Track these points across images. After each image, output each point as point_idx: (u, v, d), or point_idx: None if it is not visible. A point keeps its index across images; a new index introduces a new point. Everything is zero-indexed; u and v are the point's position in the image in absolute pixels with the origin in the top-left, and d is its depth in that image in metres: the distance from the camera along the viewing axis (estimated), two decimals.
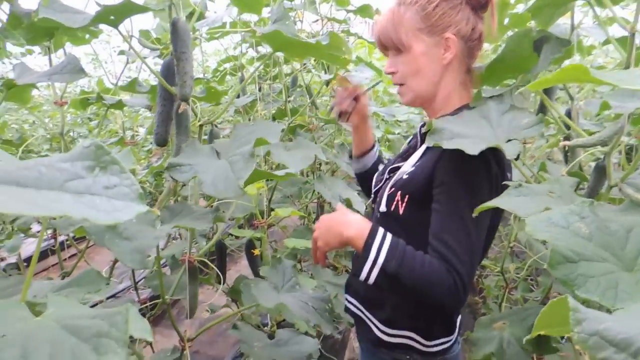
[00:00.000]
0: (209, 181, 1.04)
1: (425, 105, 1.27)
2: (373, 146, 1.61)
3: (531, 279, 2.41)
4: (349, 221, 1.13)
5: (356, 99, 1.51)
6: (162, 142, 1.24)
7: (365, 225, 1.11)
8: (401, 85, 1.24)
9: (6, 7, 1.24)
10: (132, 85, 1.48)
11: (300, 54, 1.87)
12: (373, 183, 1.42)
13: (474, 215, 0.86)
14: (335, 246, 1.15)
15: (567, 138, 1.34)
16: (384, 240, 1.07)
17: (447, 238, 1.05)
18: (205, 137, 1.61)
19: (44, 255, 2.75)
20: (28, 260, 2.53)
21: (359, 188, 2.57)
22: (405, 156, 1.31)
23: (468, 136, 0.99)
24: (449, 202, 1.09)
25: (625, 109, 0.87)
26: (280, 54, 2.18)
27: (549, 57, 1.09)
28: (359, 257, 1.09)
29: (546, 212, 0.62)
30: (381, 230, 1.10)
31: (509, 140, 0.96)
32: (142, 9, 1.16)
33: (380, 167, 1.55)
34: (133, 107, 1.60)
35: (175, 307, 3.27)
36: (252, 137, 1.20)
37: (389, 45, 1.22)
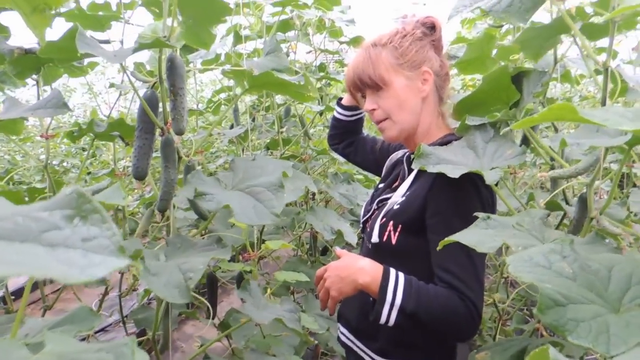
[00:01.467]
0: (239, 210, 1.09)
1: (407, 139, 1.31)
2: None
3: (527, 309, 2.37)
4: (362, 267, 1.13)
5: None
6: (142, 175, 1.24)
7: (378, 268, 1.12)
8: (384, 120, 1.26)
9: None
10: (90, 126, 1.47)
11: (270, 90, 1.94)
12: (361, 213, 1.44)
13: (438, 248, 0.88)
14: (349, 294, 1.13)
15: (552, 168, 1.35)
16: (398, 281, 1.08)
17: (453, 267, 1.08)
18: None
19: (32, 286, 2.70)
20: (16, 293, 2.49)
21: (353, 218, 2.57)
22: (393, 187, 1.32)
23: (453, 163, 1.03)
24: (446, 232, 1.08)
25: (582, 145, 0.88)
26: None
27: (531, 92, 1.11)
28: (376, 301, 1.08)
29: (527, 252, 0.61)
30: (393, 270, 1.11)
31: (493, 168, 0.98)
32: (164, 45, 1.18)
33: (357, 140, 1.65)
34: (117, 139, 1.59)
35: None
36: (257, 170, 1.26)
37: (367, 84, 1.25)
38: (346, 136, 1.67)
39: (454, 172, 0.94)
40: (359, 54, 1.28)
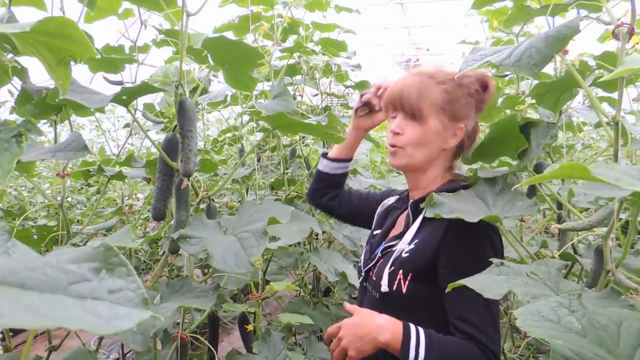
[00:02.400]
0: (218, 256, 1.08)
1: (410, 174, 1.32)
2: (350, 160, 1.63)
3: (532, 358, 2.33)
4: (381, 325, 1.10)
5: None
6: (160, 216, 1.25)
7: (397, 325, 1.10)
8: (400, 147, 1.26)
9: (17, 82, 1.29)
10: (129, 161, 1.51)
11: (297, 132, 1.95)
12: (362, 262, 1.42)
13: (447, 290, 0.89)
14: (369, 353, 1.10)
15: (559, 217, 1.36)
16: (419, 337, 1.07)
17: (471, 317, 1.08)
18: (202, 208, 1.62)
19: None
20: (14, 329, 2.46)
21: (355, 259, 2.56)
22: (397, 234, 1.31)
23: (466, 211, 1.03)
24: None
25: (588, 196, 0.90)
26: None
27: (540, 142, 1.13)
28: (399, 358, 1.07)
29: (535, 305, 0.62)
30: (412, 326, 1.09)
31: (505, 217, 1.00)
32: (155, 90, 1.22)
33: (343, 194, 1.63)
34: (133, 178, 1.62)
35: None
36: (260, 215, 1.25)
37: (405, 108, 1.24)
38: (330, 190, 1.65)
39: (472, 217, 0.95)
40: (414, 76, 1.26)
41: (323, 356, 1.89)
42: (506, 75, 1.86)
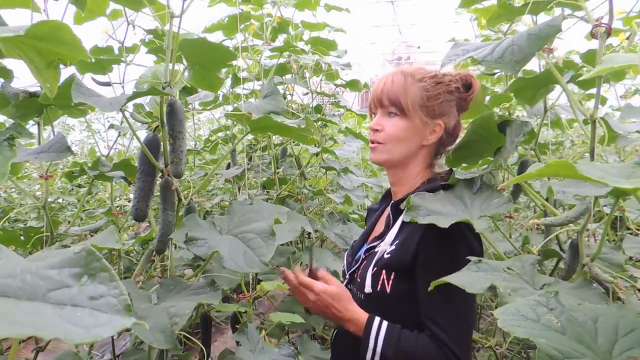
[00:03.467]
0: (227, 256, 1.10)
1: (391, 170, 1.34)
2: None
3: (524, 353, 2.34)
4: (350, 319, 1.18)
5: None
6: (142, 217, 1.25)
7: (363, 319, 1.16)
8: (380, 143, 1.28)
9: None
10: (96, 164, 1.51)
11: (275, 133, 1.97)
12: (345, 265, 1.42)
13: (430, 289, 0.92)
14: (323, 317, 1.20)
15: (545, 213, 1.37)
16: (380, 330, 1.13)
17: (435, 316, 1.11)
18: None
19: None
20: None
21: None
22: (377, 235, 1.32)
23: (442, 213, 1.05)
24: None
25: (568, 194, 0.91)
26: None
27: (514, 141, 1.14)
28: (360, 347, 1.15)
29: (513, 305, 0.63)
30: (377, 320, 1.15)
31: (481, 217, 1.02)
32: (160, 93, 1.21)
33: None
34: (115, 178, 1.61)
35: None
36: (254, 215, 1.26)
37: (392, 104, 1.25)
38: None
39: (444, 222, 0.97)
40: (394, 74, 1.29)
41: (316, 355, 1.90)
42: (495, 73, 1.87)
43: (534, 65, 1.59)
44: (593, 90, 1.54)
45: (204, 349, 1.78)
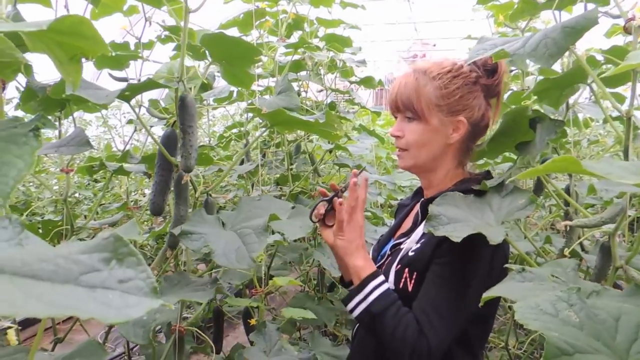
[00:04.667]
0: (219, 252, 1.09)
1: (421, 174, 1.31)
2: None
3: (538, 353, 2.33)
4: (361, 257, 1.18)
5: (332, 201, 1.31)
6: (158, 211, 1.26)
7: (370, 265, 1.18)
8: (404, 150, 1.24)
9: (21, 79, 1.31)
10: (125, 157, 1.53)
11: (295, 129, 1.95)
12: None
13: (481, 303, 0.86)
14: (337, 255, 1.23)
15: (566, 213, 1.35)
16: (380, 284, 1.14)
17: (430, 310, 1.09)
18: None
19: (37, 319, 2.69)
20: (23, 323, 2.49)
21: None
22: (404, 232, 1.31)
23: (462, 221, 1.02)
24: (443, 276, 1.11)
25: (611, 192, 0.89)
26: None
27: (544, 139, 1.12)
28: (353, 289, 1.16)
29: (533, 299, 0.62)
30: (382, 276, 1.16)
31: (503, 223, 0.99)
32: (158, 86, 1.22)
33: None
34: (137, 173, 1.63)
35: None
36: (259, 212, 1.25)
37: (406, 109, 1.21)
38: None
39: (458, 236, 0.93)
40: (408, 75, 1.23)
41: (327, 351, 1.90)
42: (512, 71, 1.85)
43: (555, 65, 1.57)
44: (617, 89, 1.51)
45: (213, 345, 1.80)
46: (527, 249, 1.73)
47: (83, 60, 0.90)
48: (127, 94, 1.18)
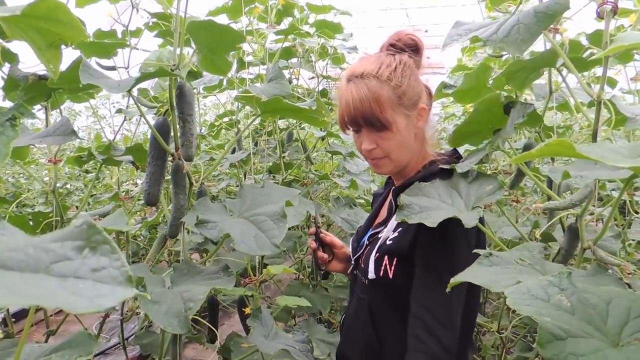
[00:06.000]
0: (238, 239, 1.10)
1: (399, 172, 1.29)
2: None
3: (530, 337, 2.35)
4: None
5: (316, 235, 1.48)
6: (154, 201, 1.25)
7: None
8: (381, 158, 1.21)
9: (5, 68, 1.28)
10: (108, 149, 1.51)
11: (285, 116, 1.94)
12: (350, 250, 1.42)
13: (448, 288, 0.87)
14: None
15: (550, 197, 1.36)
16: None
17: (428, 303, 1.09)
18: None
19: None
20: (16, 315, 2.47)
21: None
22: (381, 221, 1.32)
23: (434, 208, 1.02)
24: (429, 267, 1.12)
25: (585, 178, 0.89)
26: None
27: (513, 122, 1.12)
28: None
29: (524, 284, 0.62)
30: None
31: (474, 208, 0.99)
32: (168, 74, 1.20)
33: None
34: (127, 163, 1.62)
35: None
36: (265, 198, 1.26)
37: (370, 122, 1.16)
38: None
39: (432, 222, 0.94)
40: (359, 85, 1.16)
41: (322, 338, 1.91)
42: (502, 55, 1.84)
43: (540, 47, 1.57)
44: (609, 74, 1.51)
45: (214, 330, 1.80)
46: (513, 236, 1.74)
47: (68, 47, 0.88)
48: (134, 83, 1.16)
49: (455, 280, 0.81)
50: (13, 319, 1.98)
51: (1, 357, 1.01)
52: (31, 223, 1.61)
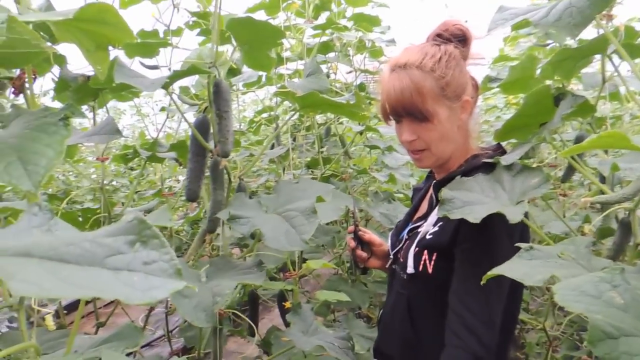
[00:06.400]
0: (269, 235, 1.11)
1: (441, 165, 1.27)
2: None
3: (577, 335, 2.27)
4: None
5: (355, 233, 1.47)
6: (194, 197, 1.28)
7: None
8: (422, 150, 1.20)
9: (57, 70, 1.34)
10: (153, 146, 1.54)
11: (325, 111, 1.94)
12: (389, 244, 1.40)
13: (483, 280, 0.84)
14: None
15: (602, 191, 1.30)
16: None
17: (468, 300, 1.07)
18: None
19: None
20: (68, 307, 2.58)
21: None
22: (422, 215, 1.30)
23: (476, 203, 1.00)
24: (470, 262, 1.10)
25: (637, 170, 0.84)
26: None
27: (561, 114, 1.07)
28: None
29: (575, 280, 0.60)
30: None
31: (519, 202, 0.96)
32: (202, 72, 1.23)
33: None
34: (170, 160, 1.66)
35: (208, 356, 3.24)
36: (299, 194, 1.26)
37: (411, 113, 1.15)
38: None
39: (475, 217, 0.91)
40: (401, 76, 1.14)
41: (361, 333, 1.90)
42: (548, 44, 1.78)
43: (589, 34, 1.50)
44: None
45: (253, 325, 1.83)
46: (562, 231, 1.68)
47: (116, 48, 0.91)
48: (167, 82, 1.19)
49: (491, 273, 0.79)
50: (65, 311, 2.07)
51: (54, 347, 1.05)
52: (80, 219, 1.67)
